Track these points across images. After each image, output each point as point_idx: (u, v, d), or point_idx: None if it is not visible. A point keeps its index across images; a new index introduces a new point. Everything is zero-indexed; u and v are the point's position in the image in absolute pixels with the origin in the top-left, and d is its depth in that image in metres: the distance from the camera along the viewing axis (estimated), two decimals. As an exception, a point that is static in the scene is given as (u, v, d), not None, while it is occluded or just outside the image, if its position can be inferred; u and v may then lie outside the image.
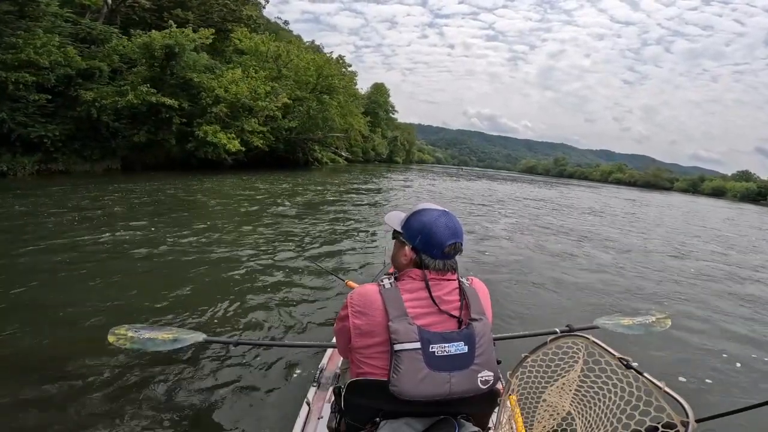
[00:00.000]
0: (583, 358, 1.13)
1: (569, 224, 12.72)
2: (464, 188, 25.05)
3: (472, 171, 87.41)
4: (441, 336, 1.06)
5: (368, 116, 46.75)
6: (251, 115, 17.28)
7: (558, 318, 4.27)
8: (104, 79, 14.75)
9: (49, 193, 9.65)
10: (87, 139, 15.27)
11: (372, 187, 19.57)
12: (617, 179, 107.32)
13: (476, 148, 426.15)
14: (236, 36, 19.57)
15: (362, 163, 50.14)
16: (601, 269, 6.95)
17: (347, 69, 29.04)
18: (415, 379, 1.02)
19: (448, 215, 1.18)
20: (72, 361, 2.72)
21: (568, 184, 58.89)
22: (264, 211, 9.53)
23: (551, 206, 18.78)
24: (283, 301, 4.09)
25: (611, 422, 1.00)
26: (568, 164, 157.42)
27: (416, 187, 21.98)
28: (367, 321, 1.09)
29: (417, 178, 31.51)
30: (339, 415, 1.22)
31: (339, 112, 24.30)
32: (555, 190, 35.03)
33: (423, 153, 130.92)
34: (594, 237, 10.57)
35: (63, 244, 5.36)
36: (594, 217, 15.88)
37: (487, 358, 1.09)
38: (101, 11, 16.31)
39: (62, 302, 3.62)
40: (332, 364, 2.03)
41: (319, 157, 29.34)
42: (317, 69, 22.60)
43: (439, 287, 1.13)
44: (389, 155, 65.56)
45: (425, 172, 45.75)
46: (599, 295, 5.41)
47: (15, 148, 13.19)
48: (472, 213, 13.04)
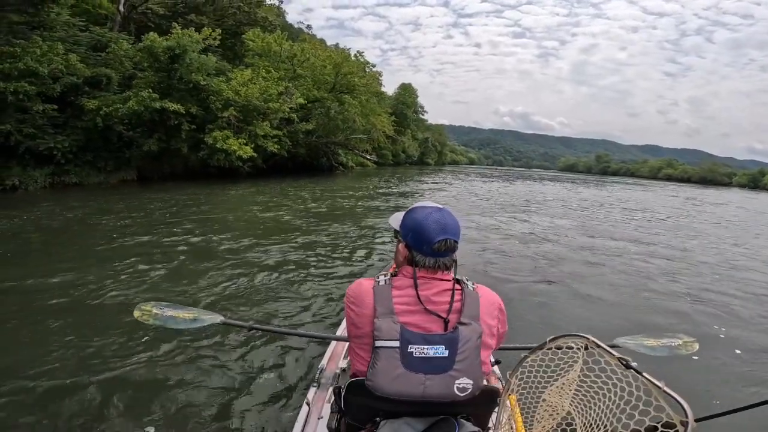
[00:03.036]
0: (583, 357, 1.11)
1: (635, 232, 10.52)
2: (504, 190, 22.92)
3: (508, 171, 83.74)
4: (422, 337, 1.04)
5: (396, 117, 45.43)
6: (265, 118, 16.21)
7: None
8: (112, 87, 14.20)
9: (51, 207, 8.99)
10: (99, 149, 14.77)
11: (403, 190, 18.43)
12: (668, 175, 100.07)
13: (510, 147, 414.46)
14: (248, 36, 18.72)
15: (392, 166, 49.40)
16: (674, 289, 5.43)
17: (370, 67, 27.71)
18: (390, 376, 1.02)
19: (441, 212, 1.15)
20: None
21: (613, 182, 54.80)
22: (270, 222, 8.72)
23: (608, 209, 16.37)
24: (299, 294, 4.39)
25: (611, 422, 0.99)
26: (611, 161, 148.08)
27: (451, 190, 20.27)
28: (357, 313, 1.11)
29: (452, 180, 29.60)
30: (339, 415, 1.22)
31: (360, 112, 22.94)
32: (603, 189, 31.88)
33: (455, 154, 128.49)
34: (669, 247, 8.47)
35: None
36: (666, 223, 13.41)
37: (469, 365, 1.05)
38: (114, 19, 15.89)
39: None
40: (332, 364, 1.98)
41: (343, 161, 28.16)
42: (335, 67, 21.35)
43: (429, 286, 1.11)
44: (420, 157, 64.76)
45: (459, 174, 43.82)
46: (648, 314, 4.62)
47: (25, 162, 12.76)
48: (516, 218, 11.18)
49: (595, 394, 1.08)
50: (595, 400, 1.08)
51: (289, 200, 12.63)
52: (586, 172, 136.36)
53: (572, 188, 29.91)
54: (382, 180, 24.46)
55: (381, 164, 45.85)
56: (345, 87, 22.21)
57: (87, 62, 14.44)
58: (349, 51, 24.52)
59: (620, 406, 0.97)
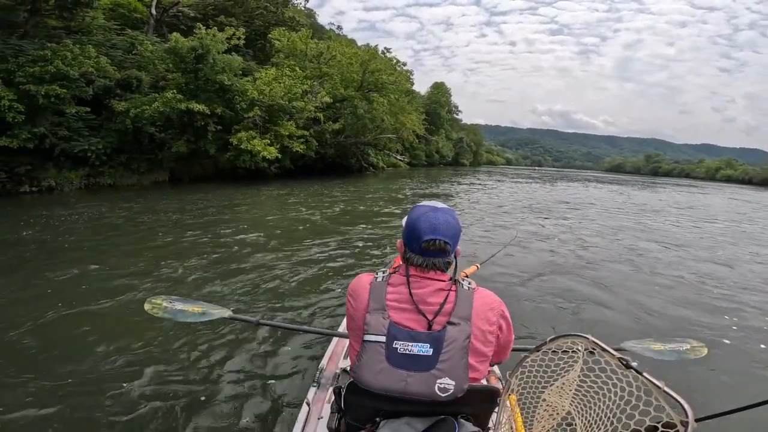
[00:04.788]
0: (583, 357, 1.12)
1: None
2: (545, 194, 21.38)
3: (548, 172, 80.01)
4: (408, 334, 1.05)
5: (429, 117, 44.40)
6: (290, 118, 15.86)
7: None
8: (143, 89, 14.35)
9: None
10: (132, 151, 15.02)
11: (434, 191, 17.67)
12: (727, 176, 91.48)
13: (550, 147, 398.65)
14: (274, 36, 18.48)
15: (426, 167, 48.51)
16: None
17: (401, 66, 26.87)
18: (374, 370, 1.04)
19: (438, 212, 1.14)
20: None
21: (667, 183, 50.70)
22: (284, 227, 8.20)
23: (681, 219, 14.63)
24: (317, 294, 4.42)
25: (611, 422, 1.00)
26: (663, 161, 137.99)
27: (490, 193, 19.03)
28: (353, 307, 1.14)
29: (490, 181, 28.04)
30: (339, 415, 1.22)
31: (389, 111, 22.15)
32: (658, 192, 29.22)
33: (492, 154, 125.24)
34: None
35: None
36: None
37: (453, 366, 1.04)
38: (148, 22, 16.15)
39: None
40: (332, 364, 2.00)
41: (373, 162, 27.55)
42: (362, 64, 20.70)
43: (421, 285, 1.11)
44: (455, 157, 63.62)
45: (496, 175, 41.78)
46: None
47: (61, 163, 13.10)
48: (563, 226, 10.02)
49: (595, 394, 1.07)
50: (595, 400, 1.07)
51: (314, 202, 12.29)
52: (635, 172, 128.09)
53: (621, 191, 27.57)
54: (413, 181, 23.67)
55: (414, 165, 45.00)
56: (373, 85, 21.55)
57: (122, 65, 14.77)
58: (376, 47, 23.78)
59: (620, 406, 0.97)
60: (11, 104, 10.42)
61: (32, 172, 12.17)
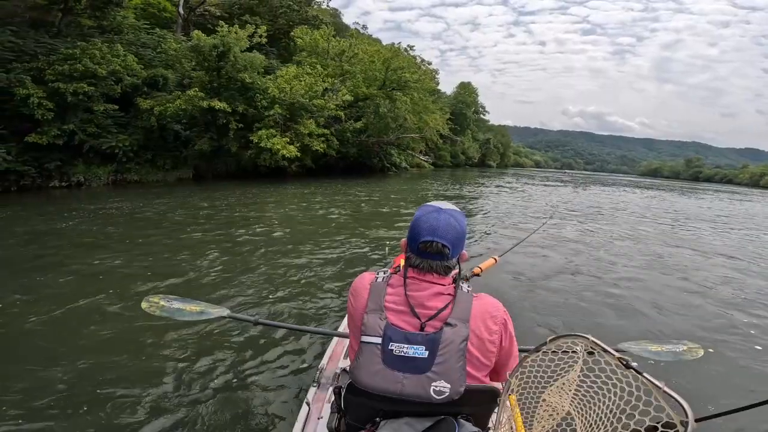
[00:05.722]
0: (583, 357, 1.10)
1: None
2: (575, 197, 20.36)
3: (579, 175, 76.84)
4: (404, 336, 1.04)
5: (454, 117, 43.51)
6: (311, 116, 15.68)
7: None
8: (169, 87, 14.54)
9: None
10: (158, 148, 15.28)
11: (457, 193, 17.05)
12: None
13: (582, 149, 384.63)
14: (296, 34, 18.38)
15: (451, 168, 47.52)
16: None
17: (426, 64, 26.26)
18: (370, 371, 1.03)
19: (440, 212, 1.11)
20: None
21: (708, 189, 47.65)
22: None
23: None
24: (329, 295, 4.35)
25: (611, 422, 0.98)
26: (704, 165, 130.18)
27: (516, 196, 18.25)
28: (354, 306, 1.13)
29: (517, 184, 26.95)
30: (339, 415, 1.21)
31: (411, 109, 21.67)
32: (704, 199, 27.36)
33: (520, 156, 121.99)
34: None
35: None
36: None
37: (448, 368, 1.02)
38: (177, 22, 16.40)
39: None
40: (332, 364, 1.99)
41: (396, 162, 27.10)
42: (384, 62, 20.29)
43: (420, 288, 1.09)
44: (481, 159, 62.22)
45: (523, 177, 40.17)
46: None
47: (90, 159, 13.44)
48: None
49: (595, 394, 1.07)
50: (595, 400, 1.07)
51: (335, 202, 12.13)
52: (674, 177, 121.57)
53: (656, 195, 25.94)
54: (437, 183, 23.07)
55: (439, 166, 44.25)
56: (396, 83, 21.14)
57: (151, 63, 15.04)
58: (398, 45, 23.36)
59: (620, 406, 0.96)
60: (41, 101, 10.69)
61: (62, 167, 12.52)
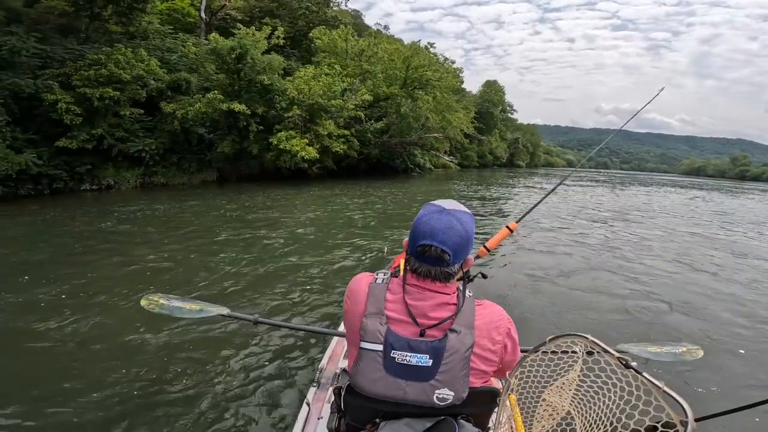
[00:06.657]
0: (583, 357, 1.11)
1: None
2: (610, 199, 19.15)
3: (616, 175, 73.13)
4: (407, 343, 0.99)
5: (481, 116, 42.41)
6: (330, 117, 15.47)
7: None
8: (191, 91, 14.72)
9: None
10: (183, 151, 15.57)
11: (484, 195, 16.49)
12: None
13: (618, 147, 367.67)
14: (315, 34, 18.26)
15: (478, 169, 46.33)
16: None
17: (450, 63, 25.57)
18: (371, 378, 1.01)
19: (443, 213, 1.02)
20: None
21: (756, 189, 44.15)
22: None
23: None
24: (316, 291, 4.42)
25: (610, 422, 0.99)
26: (751, 163, 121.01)
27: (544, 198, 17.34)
28: (350, 308, 1.09)
29: (548, 185, 25.44)
30: (339, 416, 1.20)
31: (434, 108, 21.06)
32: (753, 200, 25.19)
33: (551, 156, 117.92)
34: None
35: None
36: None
37: (452, 377, 0.99)
38: (200, 26, 16.66)
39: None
40: (332, 364, 2.00)
41: (420, 163, 26.54)
42: (404, 60, 19.81)
43: (423, 297, 1.03)
44: (510, 159, 60.50)
45: (554, 177, 38.14)
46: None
47: (119, 163, 13.82)
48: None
49: (595, 393, 1.08)
50: (594, 399, 1.08)
51: (356, 204, 11.89)
52: (718, 176, 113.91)
53: (701, 196, 24.05)
54: (462, 184, 22.32)
55: (465, 166, 43.29)
56: (417, 82, 20.62)
57: (176, 68, 15.33)
58: (419, 43, 22.80)
59: (620, 405, 0.97)
60: (68, 107, 10.99)
61: (92, 171, 12.90)
